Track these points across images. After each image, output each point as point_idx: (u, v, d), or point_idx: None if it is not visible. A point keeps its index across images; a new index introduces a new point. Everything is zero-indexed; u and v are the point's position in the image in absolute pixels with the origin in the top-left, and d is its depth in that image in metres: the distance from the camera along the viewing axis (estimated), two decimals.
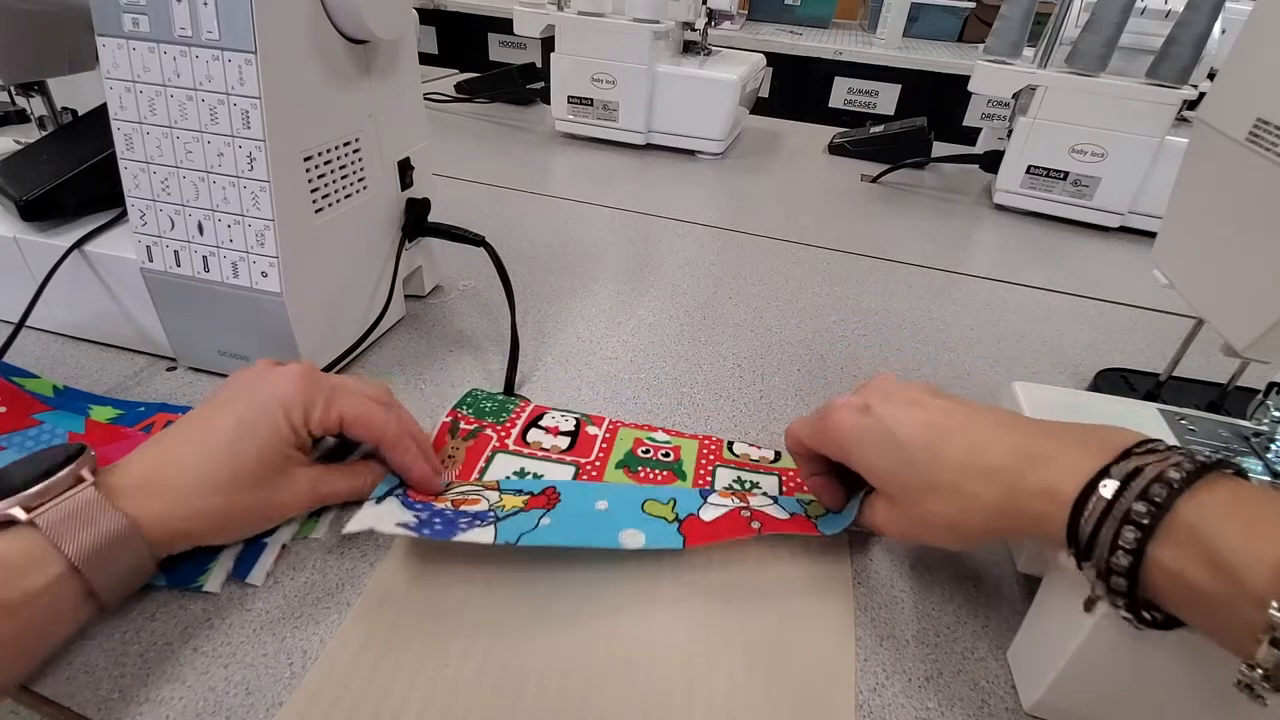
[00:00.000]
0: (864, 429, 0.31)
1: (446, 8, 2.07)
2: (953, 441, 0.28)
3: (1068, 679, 0.27)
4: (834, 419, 0.32)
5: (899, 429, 0.30)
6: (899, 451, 0.29)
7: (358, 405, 0.33)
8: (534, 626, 0.30)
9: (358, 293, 0.47)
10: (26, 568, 0.24)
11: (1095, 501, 0.23)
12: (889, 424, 0.30)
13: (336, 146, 0.41)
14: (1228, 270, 0.36)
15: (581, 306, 0.58)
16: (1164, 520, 0.22)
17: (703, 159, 0.98)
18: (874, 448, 0.30)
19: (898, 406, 0.31)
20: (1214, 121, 0.37)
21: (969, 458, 0.28)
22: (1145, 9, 0.78)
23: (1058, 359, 0.56)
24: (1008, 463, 0.27)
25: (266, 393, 0.31)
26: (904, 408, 0.30)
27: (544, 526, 0.32)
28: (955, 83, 1.59)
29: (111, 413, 0.39)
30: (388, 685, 0.28)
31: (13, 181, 0.44)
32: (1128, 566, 0.22)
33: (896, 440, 0.29)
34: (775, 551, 0.35)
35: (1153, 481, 0.23)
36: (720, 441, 0.42)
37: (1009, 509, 0.26)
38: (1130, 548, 0.22)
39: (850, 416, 0.31)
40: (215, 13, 0.34)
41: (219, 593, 0.31)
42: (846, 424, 0.31)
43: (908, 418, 0.30)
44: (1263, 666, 0.20)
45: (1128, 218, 0.82)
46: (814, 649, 0.30)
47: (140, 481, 0.28)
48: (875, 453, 0.30)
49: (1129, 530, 0.22)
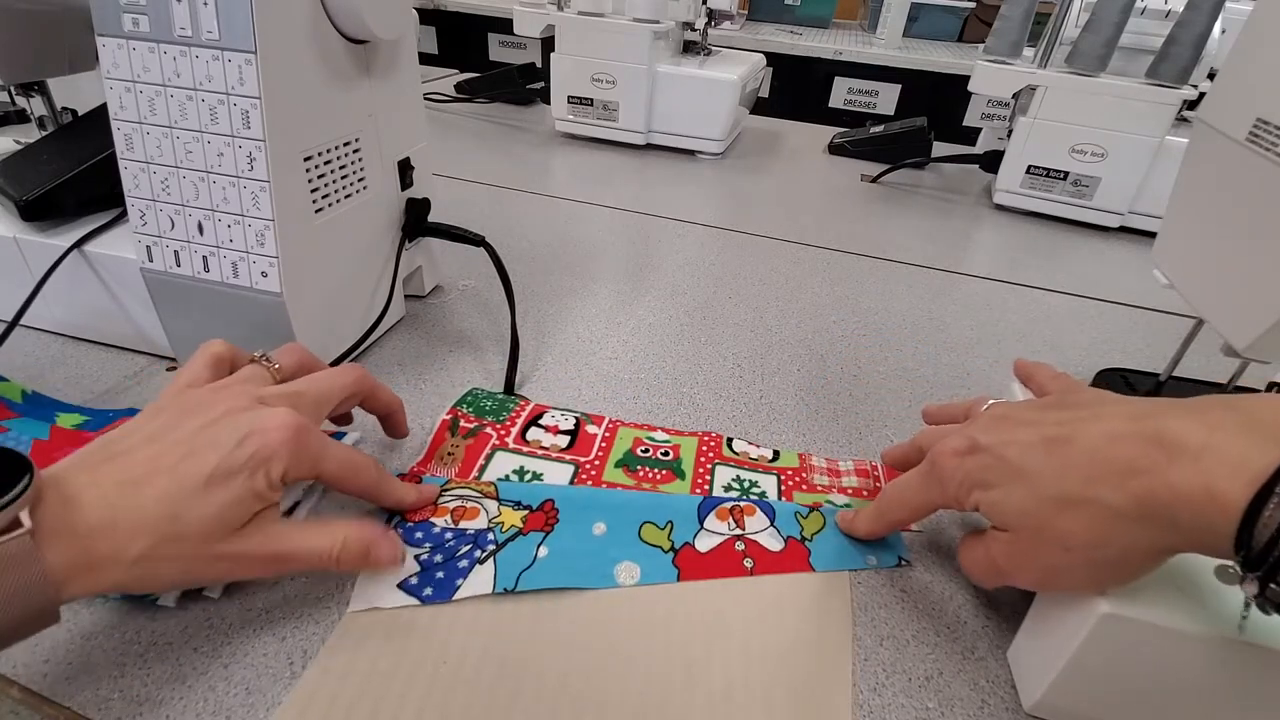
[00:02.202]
0: (978, 470, 0.27)
1: (446, 8, 2.07)
2: (1075, 445, 0.24)
3: (1068, 679, 0.27)
4: (941, 466, 0.28)
5: (1014, 455, 0.26)
6: (1020, 478, 0.25)
7: (343, 463, 0.31)
8: (533, 624, 0.30)
9: (358, 293, 0.47)
10: None
11: (1273, 509, 0.19)
12: (1002, 453, 0.26)
13: (336, 146, 0.41)
14: (1228, 270, 0.36)
15: (581, 306, 0.58)
16: None
17: (703, 159, 0.98)
18: (994, 486, 0.26)
19: (1008, 432, 0.27)
20: (1214, 121, 0.37)
21: (1090, 460, 0.23)
22: (1145, 9, 0.78)
23: (1058, 359, 0.56)
24: (1141, 458, 0.22)
25: (251, 444, 0.27)
26: (1014, 430, 0.27)
27: (541, 560, 0.32)
28: (955, 83, 1.60)
29: (78, 419, 0.39)
30: (386, 682, 0.28)
31: (13, 181, 0.44)
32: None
33: (1015, 468, 0.26)
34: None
35: None
36: (720, 438, 0.42)
37: (1154, 516, 0.22)
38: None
39: (956, 461, 0.28)
40: (215, 13, 0.34)
41: (173, 606, 0.30)
42: (955, 471, 0.28)
43: (1021, 439, 0.26)
44: None
45: (1128, 218, 0.82)
46: (812, 647, 0.30)
47: (96, 523, 0.24)
48: (997, 491, 0.26)
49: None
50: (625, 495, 0.37)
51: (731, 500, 0.37)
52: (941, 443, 0.29)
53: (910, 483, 0.32)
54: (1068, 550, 0.24)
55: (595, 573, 0.33)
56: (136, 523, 0.25)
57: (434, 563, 0.32)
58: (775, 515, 0.36)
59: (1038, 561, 0.26)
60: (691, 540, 0.35)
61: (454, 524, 0.34)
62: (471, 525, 0.34)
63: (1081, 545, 0.24)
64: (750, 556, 0.34)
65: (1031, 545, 0.26)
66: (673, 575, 0.33)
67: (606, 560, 0.33)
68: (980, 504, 0.27)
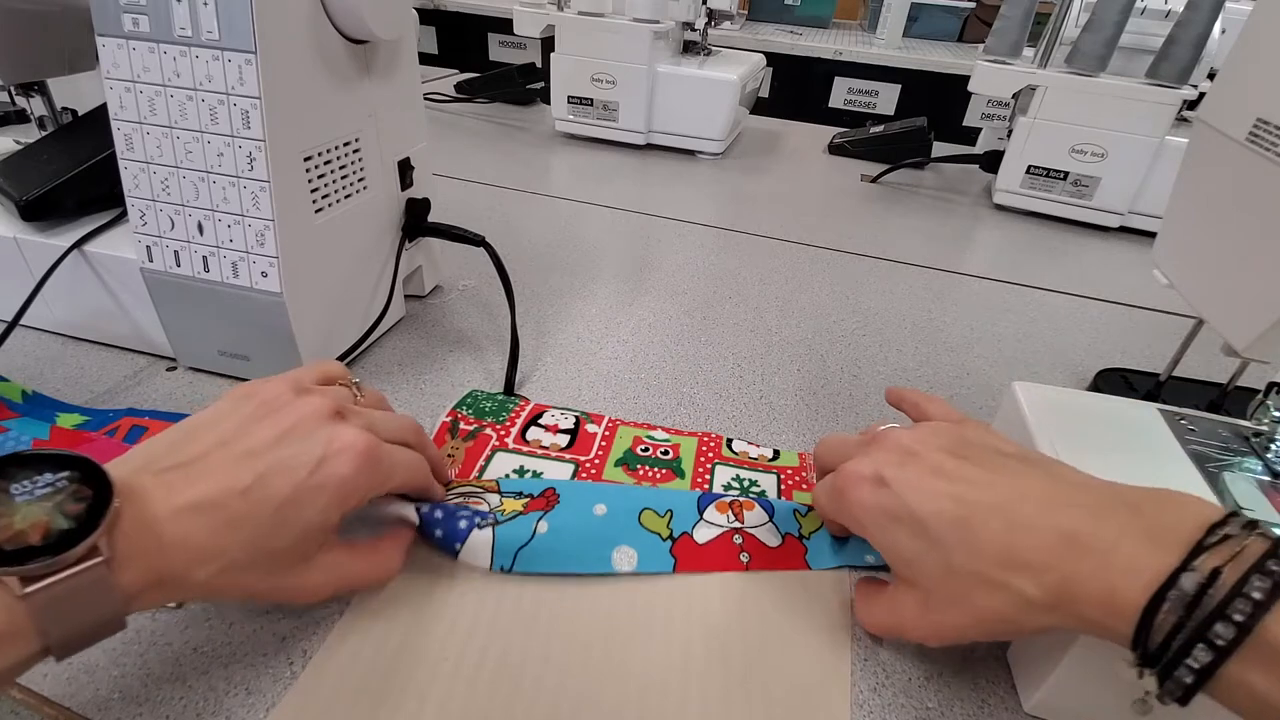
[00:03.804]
0: (881, 510, 0.27)
1: (446, 8, 2.07)
2: (986, 524, 0.25)
3: (1068, 679, 0.27)
4: (850, 497, 0.29)
5: (920, 507, 0.26)
6: (925, 535, 0.26)
7: (409, 471, 0.31)
8: (532, 622, 0.30)
9: (358, 293, 0.47)
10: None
11: (1165, 614, 0.20)
12: (908, 501, 0.26)
13: (336, 146, 0.41)
14: (1228, 270, 0.36)
15: (581, 306, 0.58)
16: (1247, 640, 0.19)
17: (703, 159, 0.98)
18: (895, 531, 0.27)
19: (917, 477, 0.27)
20: (1214, 121, 0.37)
21: (1007, 545, 0.24)
22: (1145, 9, 0.78)
23: (1058, 359, 0.56)
24: (1053, 555, 0.23)
25: (325, 471, 0.26)
26: (924, 478, 0.27)
27: (540, 535, 0.33)
28: (955, 83, 1.60)
29: (78, 419, 0.39)
30: (386, 680, 0.28)
31: (13, 181, 0.44)
32: (1193, 683, 0.20)
33: (919, 521, 0.26)
34: None
35: (1234, 595, 0.20)
36: (719, 438, 0.42)
37: (1062, 608, 0.23)
38: (1201, 666, 0.20)
39: (866, 494, 0.28)
40: (215, 13, 0.34)
41: (174, 606, 0.30)
42: (864, 503, 0.28)
43: (931, 492, 0.26)
44: None
45: (1128, 218, 0.82)
46: (811, 647, 0.30)
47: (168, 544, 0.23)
48: (897, 536, 0.27)
49: (1202, 651, 0.20)
50: (627, 486, 0.37)
51: (732, 496, 0.37)
52: (848, 465, 0.29)
53: (818, 498, 0.33)
54: (978, 622, 0.25)
55: (592, 555, 0.33)
56: (207, 549, 0.24)
57: (435, 518, 0.32)
58: (774, 512, 0.36)
59: (943, 622, 0.27)
60: (690, 530, 0.35)
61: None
62: (475, 509, 0.34)
63: (992, 620, 0.25)
64: (747, 551, 0.34)
65: (940, 611, 0.26)
66: (669, 564, 0.33)
67: (605, 542, 0.33)
68: (879, 544, 0.28)
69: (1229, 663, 0.20)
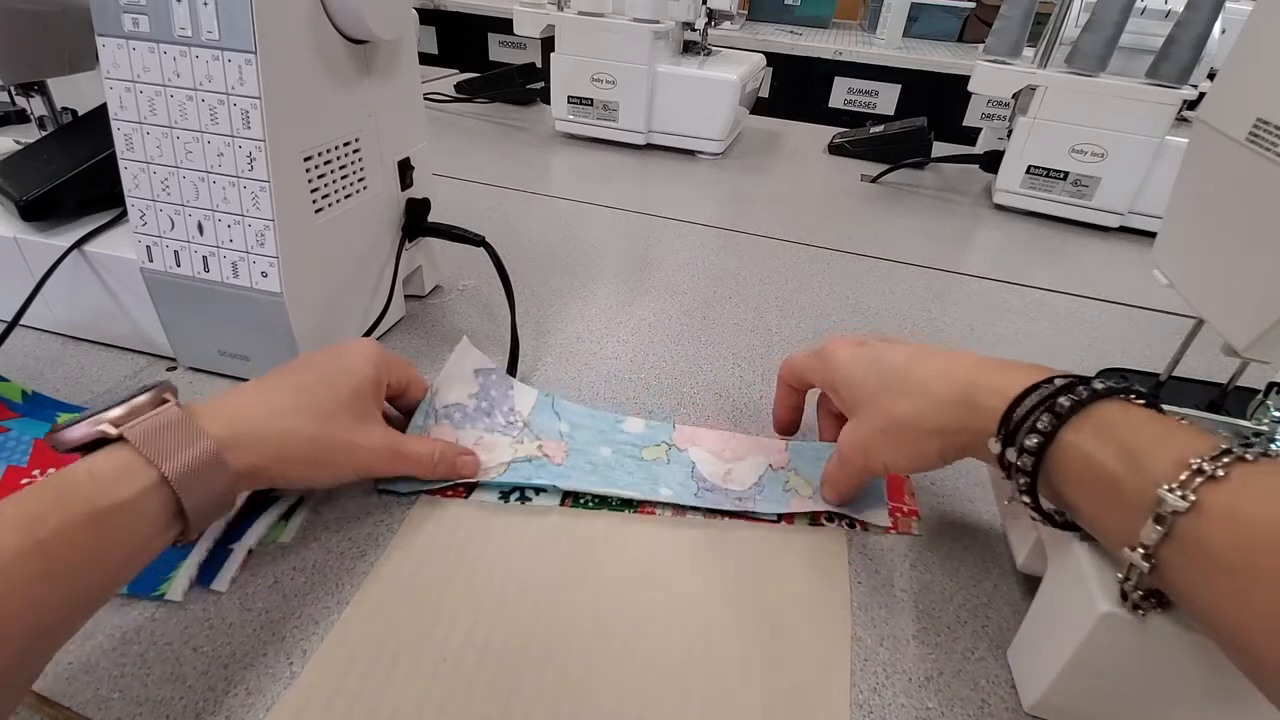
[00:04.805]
0: (855, 356, 0.35)
1: (446, 8, 2.07)
2: (929, 361, 0.32)
3: (1068, 679, 0.27)
4: (830, 346, 0.37)
5: (885, 356, 0.34)
6: (878, 367, 0.34)
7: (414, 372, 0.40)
8: (532, 620, 0.31)
9: (358, 293, 0.47)
10: (117, 479, 0.25)
11: (1033, 397, 0.27)
12: (878, 351, 0.35)
13: (336, 146, 0.41)
14: (1228, 270, 0.36)
15: (581, 306, 0.58)
16: (1082, 412, 0.26)
17: (703, 159, 0.98)
18: (857, 367, 0.35)
19: (891, 344, 0.35)
20: (1214, 121, 0.37)
21: (937, 371, 0.32)
22: (1145, 9, 0.78)
23: (1058, 359, 0.56)
24: (970, 372, 0.31)
25: (353, 350, 0.35)
26: (896, 345, 0.35)
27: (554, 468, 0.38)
28: (955, 83, 1.59)
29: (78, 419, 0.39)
30: (385, 679, 0.28)
31: (13, 181, 0.44)
32: (1037, 445, 0.26)
33: (881, 362, 0.34)
34: (772, 547, 0.35)
35: (1078, 383, 0.27)
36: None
37: (964, 403, 0.30)
38: (1046, 429, 0.26)
39: (847, 346, 0.36)
40: (215, 13, 0.34)
41: (179, 600, 0.30)
42: (842, 351, 0.36)
43: (898, 349, 0.34)
44: (1144, 544, 0.22)
45: (1128, 218, 0.82)
46: (810, 645, 0.30)
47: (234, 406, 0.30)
48: (857, 371, 0.35)
49: (1046, 416, 0.26)
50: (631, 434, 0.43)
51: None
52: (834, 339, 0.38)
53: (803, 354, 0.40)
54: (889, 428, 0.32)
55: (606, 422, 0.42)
56: (275, 405, 0.31)
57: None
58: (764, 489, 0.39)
59: (862, 437, 0.33)
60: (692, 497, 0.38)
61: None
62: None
63: (902, 424, 0.32)
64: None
65: (860, 422, 0.34)
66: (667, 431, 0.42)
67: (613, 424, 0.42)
68: (840, 380, 0.35)
69: (1065, 428, 0.26)
